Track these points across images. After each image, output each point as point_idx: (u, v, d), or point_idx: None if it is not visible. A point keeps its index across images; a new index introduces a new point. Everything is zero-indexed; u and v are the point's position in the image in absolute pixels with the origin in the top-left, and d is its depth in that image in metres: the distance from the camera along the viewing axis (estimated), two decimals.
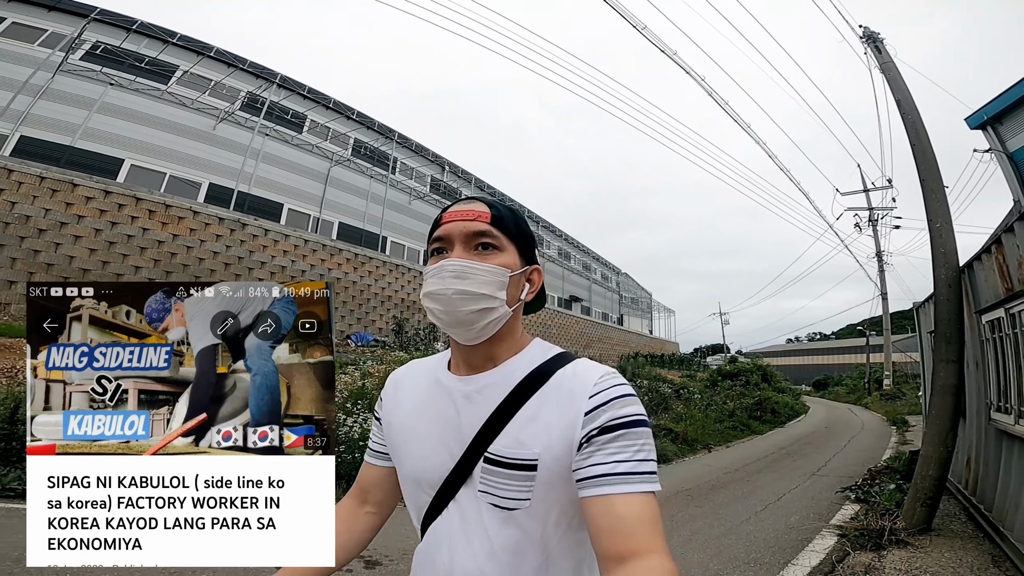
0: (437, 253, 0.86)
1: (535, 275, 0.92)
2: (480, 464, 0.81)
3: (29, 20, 16.07)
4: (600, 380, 0.79)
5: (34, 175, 11.09)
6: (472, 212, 0.84)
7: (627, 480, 0.70)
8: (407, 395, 0.96)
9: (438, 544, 0.84)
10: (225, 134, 17.65)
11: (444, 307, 0.80)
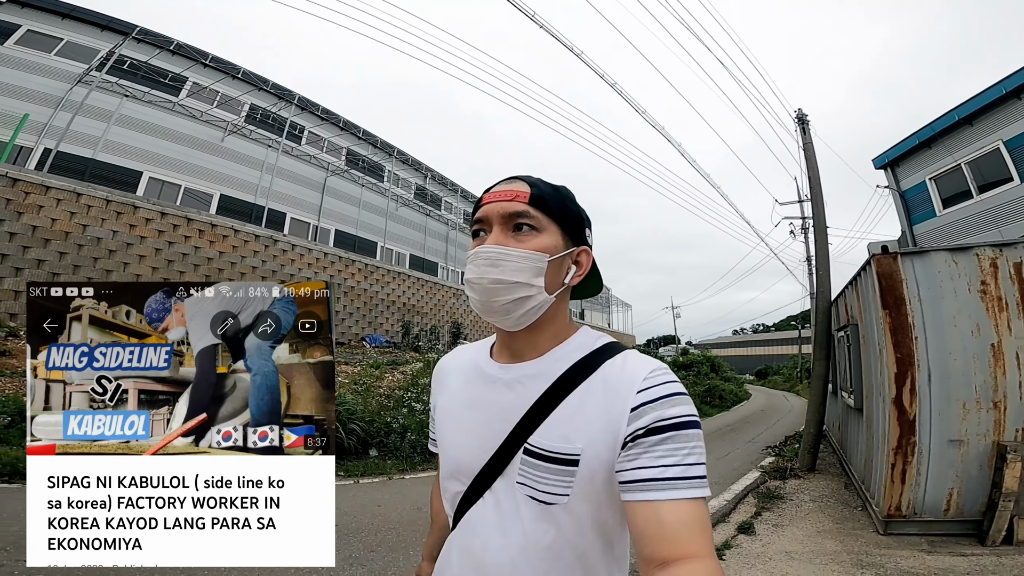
0: (476, 236, 0.83)
1: (583, 256, 0.87)
2: (519, 455, 0.78)
3: (45, 28, 15.86)
4: (649, 375, 0.74)
5: (101, 198, 11.87)
6: (510, 192, 0.80)
7: (675, 486, 0.66)
8: (451, 382, 0.94)
9: (472, 532, 0.81)
10: (232, 146, 18.36)
11: (480, 296, 0.78)
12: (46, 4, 16.09)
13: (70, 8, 16.46)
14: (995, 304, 4.55)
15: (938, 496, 4.71)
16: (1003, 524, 4.65)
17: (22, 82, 14.91)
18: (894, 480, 4.74)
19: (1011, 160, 10.40)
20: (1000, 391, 4.48)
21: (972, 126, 11.12)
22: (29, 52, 15.43)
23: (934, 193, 12.18)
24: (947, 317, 4.63)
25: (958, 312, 4.62)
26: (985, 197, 11.01)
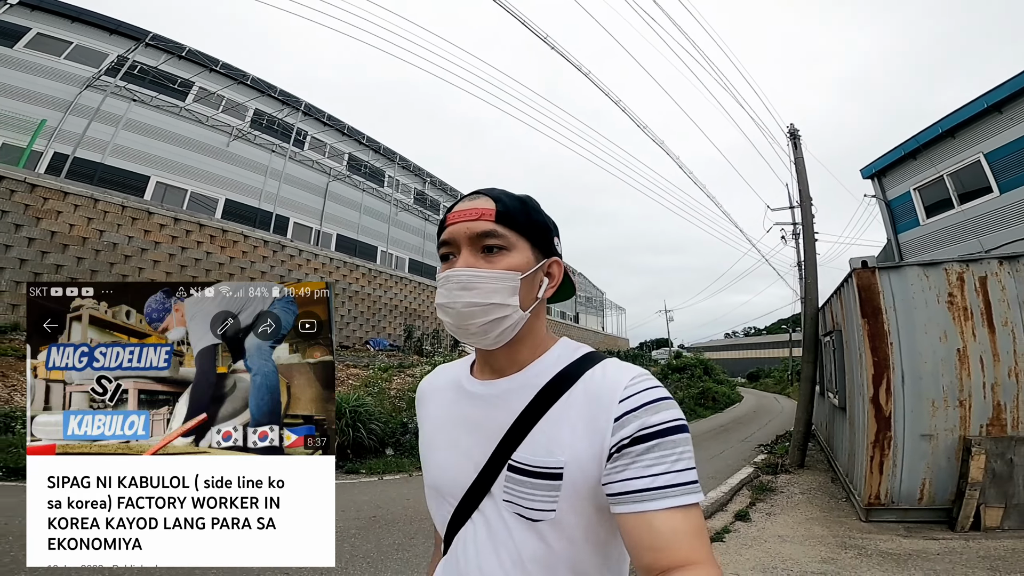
0: (445, 260, 0.81)
1: (555, 268, 0.85)
2: (504, 472, 0.76)
3: (54, 31, 15.73)
4: (631, 383, 0.73)
5: (116, 204, 12.07)
6: (475, 211, 0.78)
7: (666, 494, 0.65)
8: (433, 402, 0.92)
9: (465, 554, 0.79)
10: (237, 151, 18.49)
11: (454, 320, 0.77)
12: (56, 7, 15.95)
13: (79, 12, 16.33)
14: (961, 313, 5.09)
15: (913, 486, 5.22)
16: (970, 511, 5.15)
17: (32, 86, 14.86)
18: (873, 471, 5.25)
19: (991, 172, 10.69)
20: (965, 391, 5.00)
21: (955, 138, 11.41)
22: (39, 55, 15.33)
23: (918, 203, 12.50)
24: (919, 325, 5.18)
25: (928, 320, 5.17)
26: (966, 207, 11.34)
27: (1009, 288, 4.98)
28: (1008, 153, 10.36)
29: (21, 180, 10.58)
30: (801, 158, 11.96)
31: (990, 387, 4.95)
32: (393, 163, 25.05)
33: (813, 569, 4.36)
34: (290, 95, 20.71)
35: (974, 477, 4.98)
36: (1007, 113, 10.35)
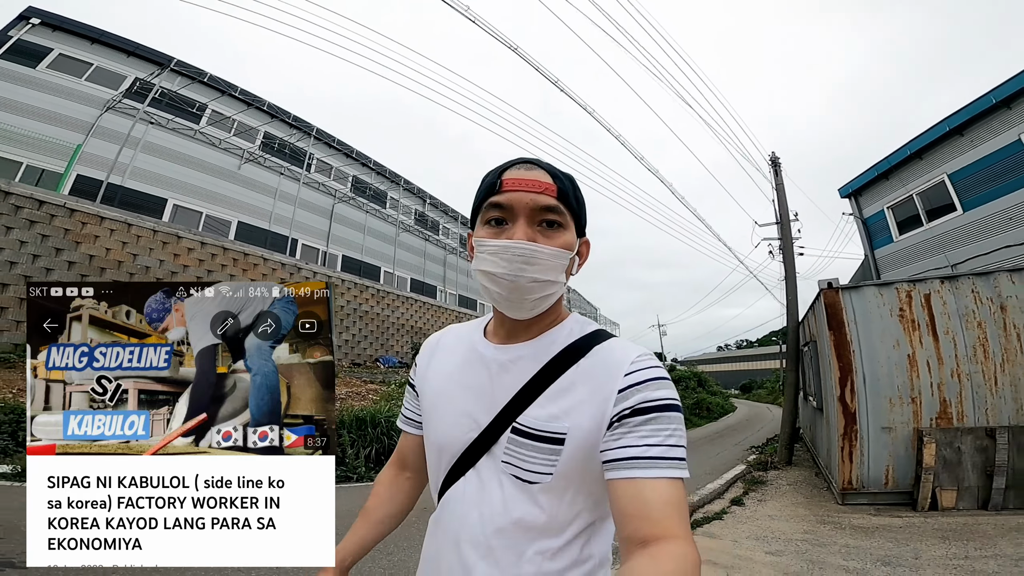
0: (496, 223, 0.80)
1: (584, 247, 0.87)
2: (507, 434, 0.78)
3: (75, 52, 15.75)
4: (637, 359, 0.76)
5: (148, 228, 12.47)
6: (539, 183, 0.78)
7: (656, 464, 0.68)
8: (442, 360, 0.93)
9: (452, 509, 0.82)
10: (248, 173, 18.84)
11: (508, 292, 0.77)
12: (77, 28, 15.89)
13: (100, 33, 16.37)
14: (910, 325, 5.94)
15: (878, 472, 5.92)
16: (927, 493, 5.94)
17: (55, 107, 14.76)
18: (844, 460, 6.00)
19: (954, 192, 11.37)
20: (915, 389, 5.81)
21: (922, 160, 12.05)
22: (61, 76, 15.27)
23: (891, 220, 13.15)
24: (876, 335, 6.03)
25: (883, 331, 6.01)
26: (933, 225, 12.00)
27: (949, 303, 5.85)
28: (970, 173, 11.02)
29: (61, 205, 10.93)
30: (782, 184, 12.89)
31: (936, 386, 5.76)
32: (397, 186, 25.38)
33: (797, 538, 5.10)
34: (302, 120, 21.01)
35: (927, 463, 5.77)
36: (968, 136, 10.95)
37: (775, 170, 12.88)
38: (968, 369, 5.72)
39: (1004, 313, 5.69)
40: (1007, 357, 5.64)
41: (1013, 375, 5.62)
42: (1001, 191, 10.27)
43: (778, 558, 4.45)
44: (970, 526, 5.01)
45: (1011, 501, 5.42)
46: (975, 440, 5.55)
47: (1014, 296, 5.70)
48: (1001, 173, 10.30)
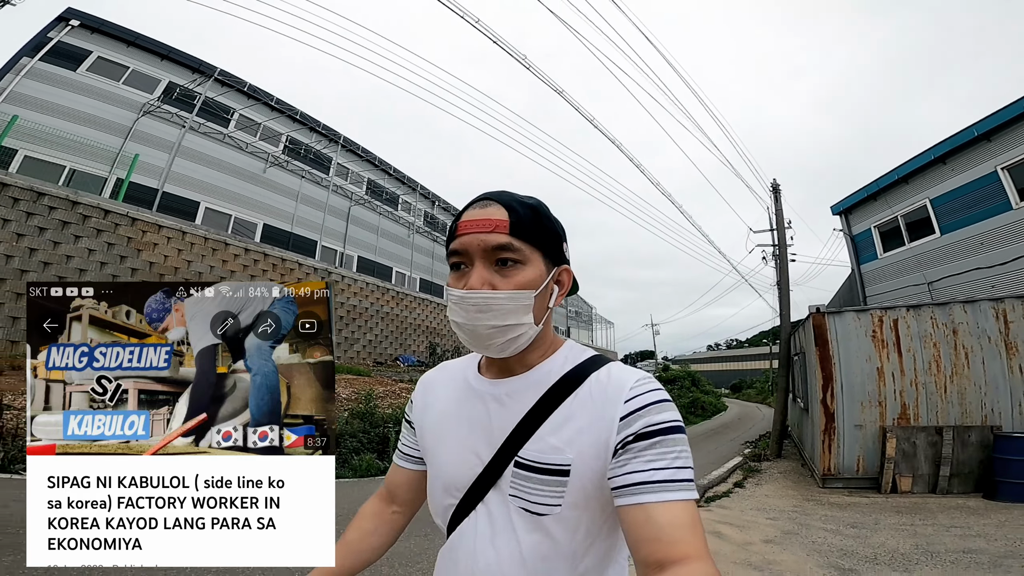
0: (455, 268, 0.79)
1: (564, 276, 0.84)
2: (511, 468, 0.77)
3: (113, 55, 15.78)
4: (636, 384, 0.75)
5: (200, 236, 13.23)
6: (488, 222, 0.75)
7: (666, 488, 0.67)
8: (437, 397, 0.92)
9: (462, 544, 0.80)
10: (273, 177, 19.46)
11: (472, 340, 0.77)
12: (114, 31, 15.86)
13: (135, 36, 16.34)
14: (880, 344, 7.10)
15: (851, 461, 7.06)
16: (889, 479, 7.28)
17: (94, 110, 14.94)
18: (824, 451, 7.18)
19: (935, 216, 12.11)
20: (882, 395, 7.01)
21: (908, 184, 12.73)
22: (99, 79, 15.34)
23: (877, 239, 14.02)
24: (852, 351, 7.22)
25: (858, 348, 7.19)
26: (914, 245, 12.78)
27: (912, 327, 7.02)
28: (949, 200, 11.76)
29: (124, 214, 11.64)
30: (780, 210, 14.43)
31: (898, 393, 6.93)
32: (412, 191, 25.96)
33: (788, 509, 6.30)
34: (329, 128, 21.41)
35: (889, 454, 6.98)
36: (950, 164, 11.63)
37: (775, 195, 14.30)
38: (924, 380, 6.89)
39: (955, 336, 7.04)
40: (955, 371, 6.92)
41: (960, 385, 6.91)
42: (976, 218, 11.02)
43: (775, 521, 5.84)
44: (919, 504, 6.17)
45: (955, 487, 6.74)
46: (927, 437, 6.84)
47: (964, 323, 7.06)
48: (977, 201, 11.04)
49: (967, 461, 6.64)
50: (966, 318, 6.97)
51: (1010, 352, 6.74)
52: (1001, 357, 6.77)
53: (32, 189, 10.14)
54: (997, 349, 6.79)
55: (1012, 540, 4.68)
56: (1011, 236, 10.32)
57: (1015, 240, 10.16)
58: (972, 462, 6.62)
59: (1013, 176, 10.46)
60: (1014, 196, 10.34)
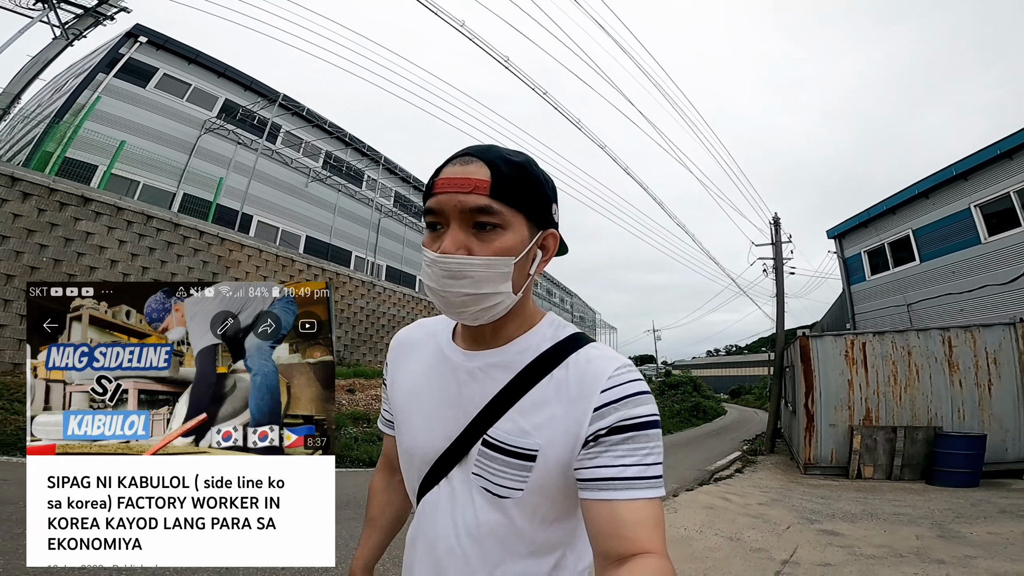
0: (432, 228, 0.72)
1: (549, 240, 0.76)
2: (477, 446, 0.74)
3: (177, 73, 16.35)
4: (615, 374, 0.70)
5: (272, 253, 14.26)
6: (467, 181, 0.68)
7: (633, 485, 0.65)
8: (410, 362, 0.87)
9: (427, 518, 0.80)
10: (313, 190, 20.45)
11: (444, 306, 0.72)
12: (177, 48, 16.27)
13: (195, 53, 16.75)
14: (851, 361, 8.37)
15: (827, 453, 8.28)
16: (855, 467, 8.93)
17: (161, 127, 15.48)
18: (806, 446, 8.48)
19: (916, 245, 13.16)
20: (851, 401, 8.31)
21: (895, 215, 13.58)
22: (165, 96, 15.84)
23: (866, 263, 15.20)
24: (829, 366, 8.55)
25: (833, 364, 8.51)
26: (897, 270, 13.95)
27: (876, 348, 8.26)
28: (930, 231, 12.83)
29: (215, 235, 12.68)
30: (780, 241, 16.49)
31: (864, 399, 8.21)
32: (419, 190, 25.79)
33: (777, 487, 7.56)
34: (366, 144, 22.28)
35: (856, 448, 8.70)
36: (932, 199, 12.65)
37: (776, 227, 16.35)
38: (884, 390, 8.19)
39: (910, 356, 8.91)
40: (908, 383, 8.61)
41: (911, 395, 8.63)
42: (950, 249, 12.16)
43: (766, 494, 7.72)
44: (875, 486, 7.39)
45: (905, 474, 8.41)
46: (885, 435, 8.44)
47: (917, 346, 8.92)
48: (952, 234, 12.13)
49: (915, 454, 8.54)
50: (919, 342, 9.01)
51: (952, 370, 8.75)
52: (945, 373, 8.75)
53: (143, 212, 10.99)
54: (942, 367, 8.76)
55: (930, 508, 6.36)
56: (979, 267, 11.41)
57: (983, 271, 11.24)
58: (919, 455, 8.42)
59: (984, 213, 11.55)
60: (984, 232, 11.48)
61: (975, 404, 7.94)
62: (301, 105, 19.29)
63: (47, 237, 9.57)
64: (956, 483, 7.35)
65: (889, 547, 4.42)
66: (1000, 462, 7.64)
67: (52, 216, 9.64)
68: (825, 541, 4.67)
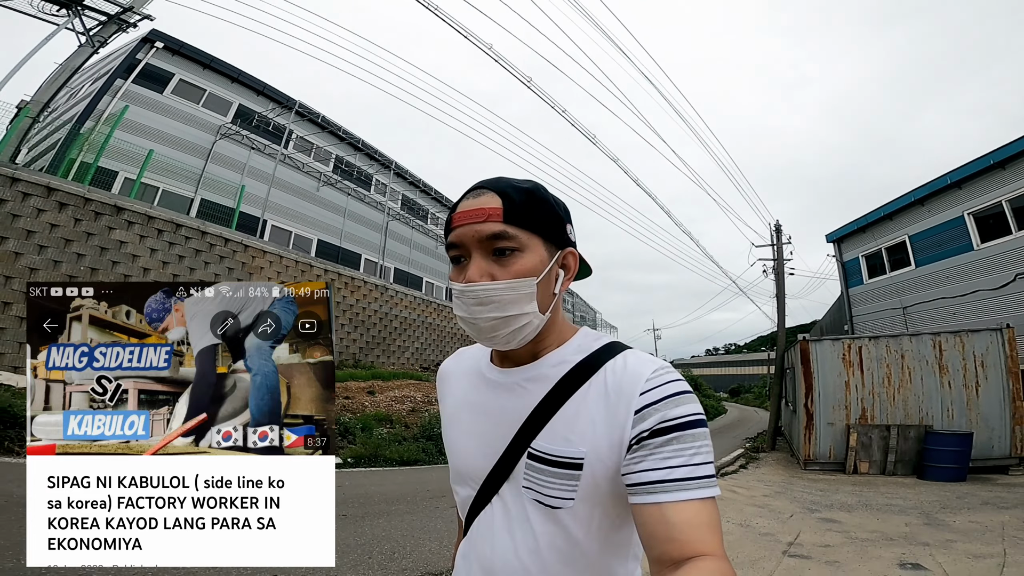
0: (456, 261, 0.76)
1: (569, 259, 0.79)
2: (524, 460, 0.75)
3: (192, 78, 16.39)
4: (653, 376, 0.70)
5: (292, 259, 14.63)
6: (481, 211, 0.72)
7: (683, 487, 0.64)
8: (453, 387, 0.91)
9: (481, 538, 0.79)
10: (323, 194, 20.32)
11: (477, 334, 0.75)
12: (192, 53, 16.35)
13: (209, 59, 16.79)
14: (847, 364, 8.71)
15: (825, 449, 8.64)
16: (852, 463, 9.54)
17: (179, 132, 15.67)
18: (805, 443, 8.83)
19: (911, 250, 13.64)
20: (848, 401, 8.66)
21: (891, 221, 14.21)
22: (181, 102, 15.91)
23: (863, 267, 15.64)
24: (827, 368, 8.89)
25: (831, 366, 8.86)
26: (893, 274, 14.37)
27: (872, 351, 8.68)
28: (924, 237, 13.30)
29: (239, 242, 13.04)
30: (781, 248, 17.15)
31: (859, 399, 8.58)
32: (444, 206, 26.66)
33: (779, 481, 8.02)
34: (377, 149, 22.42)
35: (852, 445, 9.15)
36: (927, 206, 13.13)
37: (778, 235, 16.98)
38: (878, 391, 8.60)
39: (903, 359, 9.49)
40: (901, 385, 9.08)
41: (904, 395, 9.08)
42: (944, 255, 12.65)
43: (770, 487, 8.30)
44: (870, 480, 7.80)
45: (898, 469, 8.84)
46: (880, 433, 8.87)
47: (910, 350, 9.50)
48: (946, 241, 12.62)
49: (907, 451, 9.15)
50: (911, 346, 9.66)
51: (942, 372, 9.39)
52: (935, 375, 9.39)
53: (172, 221, 11.19)
54: (933, 369, 9.40)
55: (919, 500, 6.91)
56: (972, 273, 11.84)
57: (974, 276, 11.67)
58: (911, 452, 9.02)
59: (977, 221, 11.97)
60: (976, 239, 11.92)
61: (963, 404, 8.58)
62: (316, 112, 19.40)
63: (83, 247, 9.83)
64: (944, 478, 7.77)
65: (881, 532, 5.05)
66: (987, 458, 8.25)
67: (88, 226, 9.88)
68: (824, 527, 5.28)
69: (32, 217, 8.99)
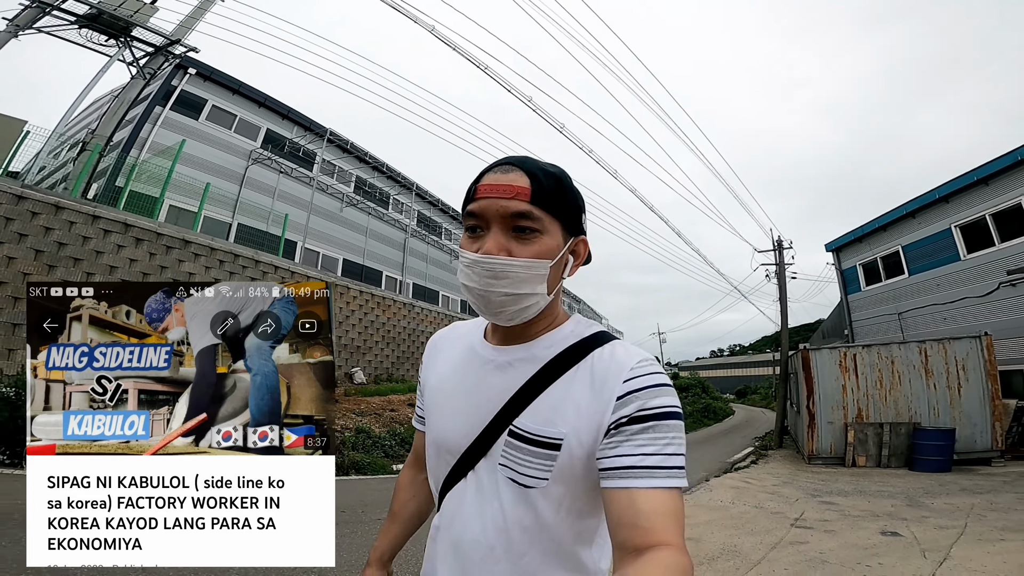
0: (472, 231, 0.74)
1: (580, 246, 0.79)
2: (503, 437, 0.75)
3: (224, 104, 16.46)
4: (637, 365, 0.71)
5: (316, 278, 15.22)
6: (510, 188, 0.72)
7: (653, 474, 0.65)
8: (443, 359, 0.90)
9: (452, 511, 0.79)
10: (346, 214, 20.57)
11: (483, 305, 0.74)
12: (222, 79, 16.41)
13: (238, 84, 16.84)
14: (844, 369, 9.23)
15: (826, 446, 9.00)
16: (850, 458, 9.80)
17: (213, 158, 15.85)
18: (808, 440, 9.33)
19: (905, 260, 14.04)
20: (845, 402, 9.18)
21: (886, 231, 14.43)
22: (215, 128, 16.04)
23: (861, 275, 16.06)
24: (826, 373, 9.43)
25: (829, 371, 9.39)
26: (888, 282, 14.78)
27: (866, 358, 9.09)
28: (916, 248, 13.68)
29: (286, 269, 13.49)
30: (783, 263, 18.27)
31: (856, 400, 9.04)
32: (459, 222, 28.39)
33: (786, 473, 8.41)
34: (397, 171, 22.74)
35: (850, 441, 9.41)
36: (918, 218, 13.50)
37: (779, 250, 18.12)
38: (872, 392, 9.03)
39: (893, 364, 10.29)
40: (892, 387, 9.24)
41: (894, 396, 9.24)
42: (934, 264, 13.11)
43: (778, 478, 9.00)
44: (866, 472, 8.21)
45: (891, 462, 8.74)
46: (874, 430, 9.08)
47: (899, 356, 10.03)
48: (936, 251, 13.08)
49: (899, 446, 9.69)
50: (900, 353, 10.78)
51: (928, 375, 10.40)
52: (922, 378, 10.28)
53: (232, 252, 11.75)
54: (919, 373, 10.29)
55: (906, 487, 6.86)
56: (959, 281, 12.38)
57: (962, 284, 12.23)
58: (902, 446, 9.16)
59: (963, 233, 12.48)
60: (963, 249, 12.47)
61: (947, 403, 9.61)
62: (346, 140, 19.81)
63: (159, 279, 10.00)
64: (931, 468, 8.40)
65: (870, 511, 6.22)
66: (971, 451, 8.72)
67: (161, 259, 10.28)
68: (824, 508, 6.38)
69: (113, 253, 9.64)
